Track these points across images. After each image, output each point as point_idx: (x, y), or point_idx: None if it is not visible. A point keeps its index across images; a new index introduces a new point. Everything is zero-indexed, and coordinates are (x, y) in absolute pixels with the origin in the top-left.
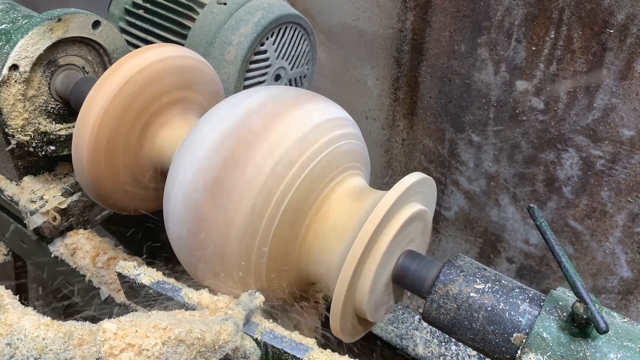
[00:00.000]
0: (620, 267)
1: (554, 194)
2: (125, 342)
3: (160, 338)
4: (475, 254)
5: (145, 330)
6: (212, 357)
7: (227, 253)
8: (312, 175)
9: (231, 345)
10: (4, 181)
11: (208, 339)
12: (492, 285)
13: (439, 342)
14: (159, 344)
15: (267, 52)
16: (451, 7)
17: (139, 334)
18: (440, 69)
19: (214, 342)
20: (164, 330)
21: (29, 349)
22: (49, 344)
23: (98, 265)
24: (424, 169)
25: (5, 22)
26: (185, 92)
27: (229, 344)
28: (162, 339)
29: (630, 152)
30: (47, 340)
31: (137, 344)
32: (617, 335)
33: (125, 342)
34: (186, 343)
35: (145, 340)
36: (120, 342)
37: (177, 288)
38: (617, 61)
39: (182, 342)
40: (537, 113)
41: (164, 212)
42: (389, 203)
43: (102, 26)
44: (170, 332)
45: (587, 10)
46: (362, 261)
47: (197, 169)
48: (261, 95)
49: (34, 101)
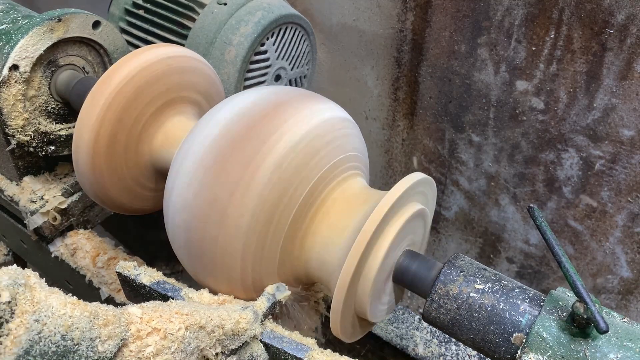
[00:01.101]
0: (620, 267)
1: (554, 194)
2: (151, 326)
3: (184, 323)
4: (475, 254)
5: (169, 315)
6: (231, 344)
7: (226, 254)
8: (311, 175)
9: (250, 333)
10: (4, 181)
11: (227, 327)
12: (492, 285)
13: (439, 342)
14: (182, 329)
15: (268, 52)
16: (451, 7)
17: (163, 318)
18: (440, 69)
19: (233, 329)
20: (187, 316)
21: (56, 326)
22: (75, 322)
23: (98, 265)
24: (424, 169)
25: (6, 22)
26: (186, 92)
27: (248, 332)
28: (185, 324)
29: (630, 152)
30: (74, 318)
31: (162, 328)
32: (617, 335)
33: (151, 326)
34: (206, 330)
35: (169, 325)
36: (146, 326)
37: (177, 288)
38: (617, 61)
39: (202, 328)
40: (537, 113)
41: (164, 212)
42: (389, 203)
43: (102, 26)
44: (192, 318)
45: (587, 10)
46: (363, 261)
47: (197, 170)
48: (261, 96)
49: (34, 101)
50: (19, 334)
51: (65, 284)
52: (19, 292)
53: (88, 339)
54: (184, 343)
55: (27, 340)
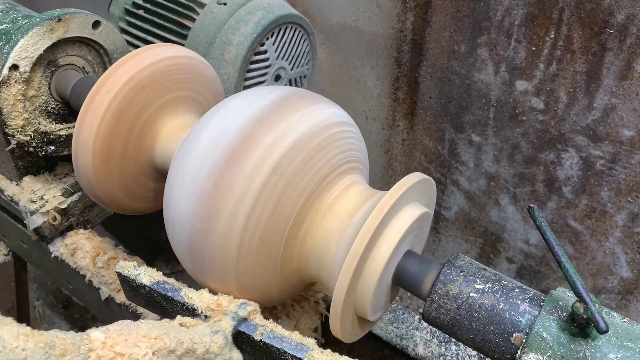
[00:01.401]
0: (620, 267)
1: (554, 194)
2: (114, 351)
3: (151, 348)
4: (475, 254)
5: (135, 339)
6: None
7: (226, 254)
8: (311, 175)
9: (220, 359)
10: (4, 181)
11: (199, 351)
12: (492, 285)
13: (439, 342)
14: (149, 353)
15: (267, 52)
16: (451, 7)
17: (128, 342)
18: (440, 69)
19: (204, 354)
20: (155, 340)
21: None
22: (30, 355)
23: (98, 265)
24: (424, 169)
25: (6, 22)
26: (185, 92)
27: (219, 357)
28: (152, 348)
29: (630, 152)
30: (27, 350)
31: (126, 353)
32: (617, 335)
33: (115, 351)
34: (176, 354)
35: (135, 349)
36: (109, 352)
37: (177, 288)
38: (617, 61)
39: (172, 352)
40: (537, 113)
41: (164, 212)
42: (388, 203)
43: (102, 26)
44: (161, 342)
45: (587, 10)
46: (362, 261)
47: (196, 169)
48: (260, 96)
49: (34, 101)
50: None
51: (65, 284)
52: None
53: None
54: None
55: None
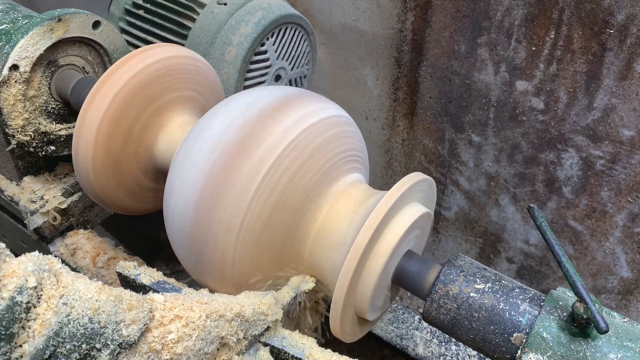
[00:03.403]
0: (620, 267)
1: (554, 194)
2: (174, 314)
3: (204, 312)
4: (475, 254)
5: (190, 303)
6: (253, 330)
7: (225, 254)
8: (310, 175)
9: (271, 318)
10: (4, 181)
11: (247, 312)
12: (492, 285)
13: (439, 342)
14: (203, 317)
15: (268, 52)
16: (451, 7)
17: (184, 306)
18: (440, 69)
19: (253, 314)
20: (206, 305)
21: (84, 309)
22: (102, 306)
23: (98, 265)
24: (424, 169)
25: (6, 22)
26: (186, 92)
27: (269, 316)
28: (205, 312)
29: (630, 152)
30: (100, 302)
31: (184, 316)
32: (617, 335)
33: (174, 313)
34: (226, 318)
35: (190, 313)
36: (169, 313)
37: (177, 288)
38: (617, 61)
39: (222, 317)
40: (537, 113)
41: (164, 212)
42: (388, 203)
43: (102, 26)
44: (211, 307)
45: (587, 11)
46: (363, 261)
47: (196, 169)
48: (261, 96)
49: (34, 101)
50: (47, 317)
51: None
52: (44, 277)
53: (113, 322)
54: (205, 331)
55: (56, 322)
